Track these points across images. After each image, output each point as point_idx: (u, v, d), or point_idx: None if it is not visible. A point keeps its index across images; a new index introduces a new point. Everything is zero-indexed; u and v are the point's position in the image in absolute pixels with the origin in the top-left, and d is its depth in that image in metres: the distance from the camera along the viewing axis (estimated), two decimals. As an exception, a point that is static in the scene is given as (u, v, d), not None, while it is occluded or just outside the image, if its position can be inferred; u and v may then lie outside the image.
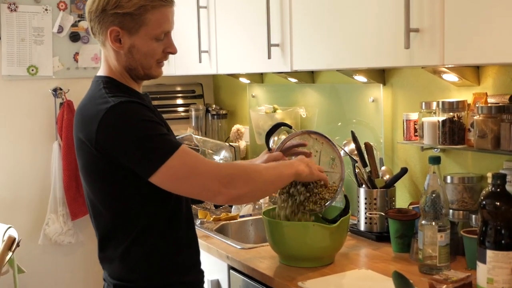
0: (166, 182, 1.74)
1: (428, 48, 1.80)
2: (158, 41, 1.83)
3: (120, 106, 1.72)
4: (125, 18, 1.77)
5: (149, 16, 1.78)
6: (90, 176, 1.85)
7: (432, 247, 1.99)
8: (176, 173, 1.72)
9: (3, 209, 3.59)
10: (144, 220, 1.83)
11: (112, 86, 1.83)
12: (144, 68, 1.85)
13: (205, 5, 3.03)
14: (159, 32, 1.81)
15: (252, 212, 2.93)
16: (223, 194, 1.77)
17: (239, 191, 1.79)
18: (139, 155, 1.71)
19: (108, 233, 1.87)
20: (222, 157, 3.35)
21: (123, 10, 1.76)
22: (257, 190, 1.88)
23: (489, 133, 2.00)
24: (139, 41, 1.80)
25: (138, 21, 1.78)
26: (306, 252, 2.12)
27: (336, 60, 2.25)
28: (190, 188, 1.77)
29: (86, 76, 3.71)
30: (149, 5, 1.77)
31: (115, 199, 1.82)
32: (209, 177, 1.75)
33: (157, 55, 1.84)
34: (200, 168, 1.75)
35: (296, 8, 2.40)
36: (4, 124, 3.60)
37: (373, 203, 2.43)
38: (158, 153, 1.71)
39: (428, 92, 2.43)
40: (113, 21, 1.79)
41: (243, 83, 3.66)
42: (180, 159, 1.72)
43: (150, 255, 1.84)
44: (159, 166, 1.70)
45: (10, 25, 3.53)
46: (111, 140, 1.72)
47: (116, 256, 1.86)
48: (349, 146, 2.63)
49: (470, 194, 2.19)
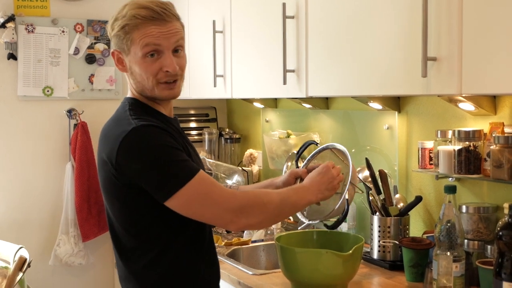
0: (180, 208, 1.75)
1: (445, 77, 1.79)
2: (151, 59, 1.80)
3: (141, 129, 1.74)
4: (118, 40, 1.83)
5: (134, 35, 1.79)
6: (109, 195, 1.86)
7: (446, 277, 1.97)
8: (189, 200, 1.73)
9: (15, 229, 3.59)
10: (163, 242, 1.83)
11: (137, 107, 1.85)
12: (148, 89, 1.84)
13: (221, 30, 3.05)
14: (146, 48, 1.79)
15: (264, 238, 2.92)
16: (235, 223, 1.79)
17: (251, 220, 1.80)
18: (155, 180, 1.72)
19: (127, 252, 1.88)
20: (235, 181, 3.34)
21: (114, 32, 1.83)
22: (269, 220, 1.92)
23: (506, 163, 1.98)
24: (132, 60, 1.83)
25: (127, 41, 1.81)
26: (318, 279, 2.10)
27: (351, 87, 2.24)
28: (204, 215, 1.78)
29: (101, 98, 3.73)
30: (129, 24, 1.79)
31: (133, 220, 1.83)
32: (222, 207, 1.76)
33: (153, 74, 1.81)
34: (214, 198, 1.76)
35: (312, 34, 2.40)
36: (18, 144, 3.61)
37: (387, 231, 2.41)
38: (174, 180, 1.71)
39: (444, 120, 2.42)
40: (114, 44, 1.87)
41: (257, 107, 3.66)
42: (195, 187, 1.72)
43: (167, 275, 1.85)
44: (174, 192, 1.71)
45: (27, 46, 3.56)
46: (129, 162, 1.74)
47: (133, 275, 1.87)
48: (363, 173, 2.62)
49: (485, 224, 2.17)
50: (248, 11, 2.86)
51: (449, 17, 1.78)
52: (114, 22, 1.84)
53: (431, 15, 1.82)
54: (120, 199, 1.82)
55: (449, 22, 1.78)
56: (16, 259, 2.83)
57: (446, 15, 1.79)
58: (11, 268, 2.82)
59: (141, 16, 1.77)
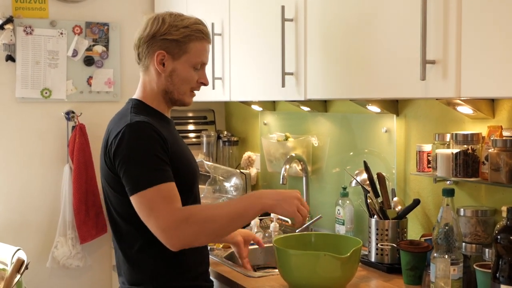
0: (137, 209, 1.89)
1: (444, 80, 1.80)
2: (195, 70, 2.06)
3: (134, 125, 1.92)
4: (172, 44, 2.02)
5: (192, 45, 2.03)
6: (105, 181, 2.03)
7: (444, 280, 1.97)
8: (138, 207, 1.88)
9: (13, 231, 3.59)
10: None
11: (139, 107, 2.06)
12: (180, 93, 2.08)
13: (219, 32, 3.05)
14: (198, 61, 2.05)
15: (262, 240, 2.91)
16: (169, 245, 1.87)
17: (187, 241, 1.88)
18: (125, 174, 1.90)
19: (122, 236, 2.03)
20: (233, 184, 3.34)
21: (171, 37, 2.01)
22: (213, 237, 2.03)
23: (504, 166, 1.98)
24: (180, 66, 2.04)
25: (182, 48, 2.02)
26: (316, 282, 2.10)
27: (350, 90, 2.25)
28: (148, 225, 1.89)
29: (99, 100, 3.73)
30: (194, 36, 2.02)
31: (125, 206, 1.95)
32: (158, 225, 1.85)
33: (192, 83, 2.07)
34: (154, 215, 1.85)
35: (311, 37, 2.41)
36: (16, 146, 3.61)
37: (385, 234, 2.41)
38: (136, 182, 1.88)
39: (442, 123, 2.42)
40: (160, 46, 2.02)
41: (255, 110, 3.66)
42: (146, 197, 1.86)
43: (159, 259, 1.97)
44: (133, 193, 1.88)
45: (25, 48, 3.56)
46: (116, 153, 1.91)
47: (128, 258, 2.03)
48: (361, 176, 2.62)
49: (483, 228, 2.17)
50: (247, 14, 2.87)
51: (448, 20, 1.78)
52: (170, 27, 2.00)
53: (430, 18, 1.82)
54: (112, 186, 1.99)
55: (448, 25, 1.78)
56: (13, 261, 2.83)
57: (445, 18, 1.79)
58: (8, 270, 2.82)
59: (204, 33, 2.05)
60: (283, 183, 2.97)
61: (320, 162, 3.13)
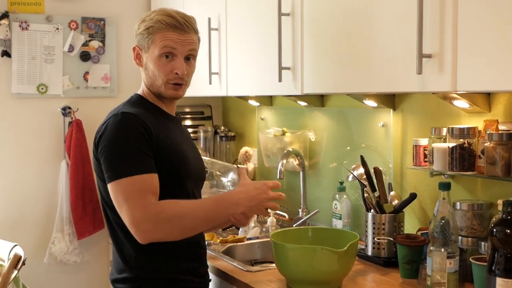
0: (112, 198, 1.91)
1: (440, 74, 1.80)
2: (166, 60, 2.04)
3: (121, 115, 1.96)
4: (142, 37, 2.07)
5: (155, 36, 2.03)
6: (95, 171, 2.06)
7: (440, 273, 1.98)
8: (114, 196, 1.90)
9: (10, 227, 3.59)
10: None
11: (136, 101, 2.10)
12: (157, 85, 2.07)
13: (216, 27, 3.05)
14: (163, 50, 2.03)
15: (259, 235, 2.92)
16: (139, 237, 1.87)
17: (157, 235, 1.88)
18: (105, 162, 1.93)
19: (112, 223, 2.05)
20: (230, 179, 3.34)
21: (139, 31, 2.08)
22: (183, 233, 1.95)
23: (500, 160, 1.99)
24: (149, 57, 2.06)
25: (149, 40, 2.05)
26: (313, 276, 2.11)
27: (347, 85, 2.25)
28: (122, 216, 1.90)
29: (96, 95, 3.73)
30: (155, 26, 2.03)
31: (109, 194, 1.95)
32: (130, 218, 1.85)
33: (166, 73, 2.05)
34: (128, 205, 1.86)
35: (307, 31, 2.41)
36: (12, 142, 3.60)
37: (381, 228, 2.42)
38: (113, 170, 1.90)
39: (438, 118, 2.43)
40: (137, 41, 2.10)
41: (252, 105, 3.66)
42: (122, 187, 1.87)
43: (140, 248, 1.97)
44: (110, 181, 1.90)
45: (21, 43, 3.55)
46: (99, 138, 1.97)
47: (115, 248, 2.06)
48: (358, 170, 2.63)
49: (479, 221, 2.18)
50: (244, 9, 2.87)
51: (444, 14, 1.79)
52: (141, 22, 2.08)
53: (426, 12, 1.83)
54: (98, 174, 2.03)
55: (444, 19, 1.79)
56: (10, 257, 2.83)
57: (441, 12, 1.79)
58: (5, 266, 2.82)
59: (166, 23, 2.02)
60: (280, 178, 2.97)
61: (317, 157, 3.13)
